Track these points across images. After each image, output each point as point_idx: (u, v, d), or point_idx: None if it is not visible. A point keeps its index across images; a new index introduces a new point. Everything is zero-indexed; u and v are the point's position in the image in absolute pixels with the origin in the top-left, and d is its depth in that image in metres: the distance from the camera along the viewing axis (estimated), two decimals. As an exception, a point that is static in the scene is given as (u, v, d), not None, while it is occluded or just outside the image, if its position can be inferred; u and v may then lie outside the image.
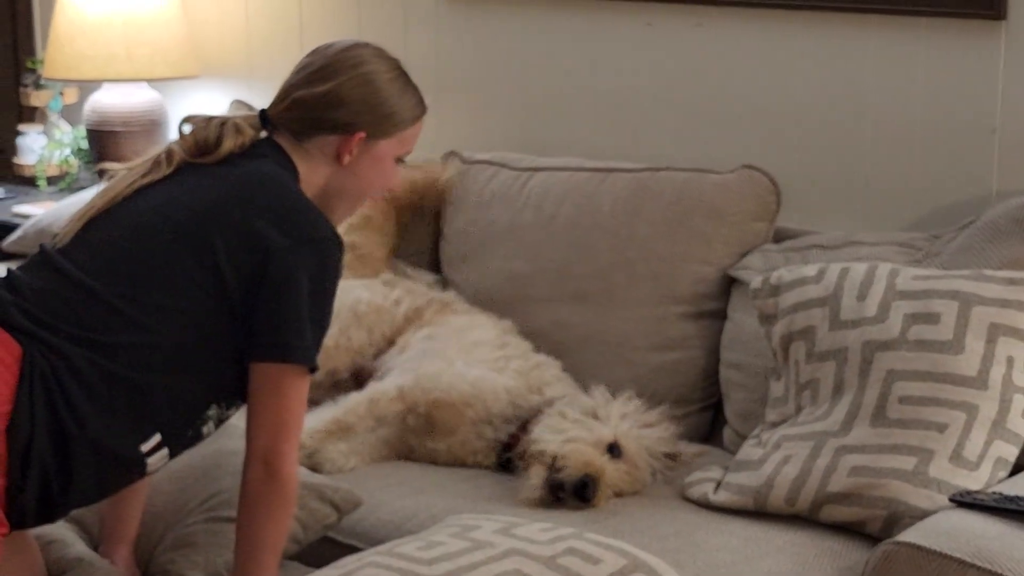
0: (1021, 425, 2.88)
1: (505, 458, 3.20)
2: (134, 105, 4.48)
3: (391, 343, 3.50)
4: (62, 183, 4.70)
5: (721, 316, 3.45)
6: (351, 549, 2.72)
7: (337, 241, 2.51)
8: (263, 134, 2.64)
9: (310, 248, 2.47)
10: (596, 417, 3.12)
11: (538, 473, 3.02)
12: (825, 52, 3.56)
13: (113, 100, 4.49)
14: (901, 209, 3.50)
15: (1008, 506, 2.61)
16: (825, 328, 3.02)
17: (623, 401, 3.17)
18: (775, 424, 3.07)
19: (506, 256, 3.65)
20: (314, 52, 2.66)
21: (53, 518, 2.48)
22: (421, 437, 3.29)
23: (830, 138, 3.58)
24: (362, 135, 2.60)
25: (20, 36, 5.04)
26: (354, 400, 3.28)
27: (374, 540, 2.74)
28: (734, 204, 3.46)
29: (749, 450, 3.05)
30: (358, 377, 3.45)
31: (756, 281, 3.20)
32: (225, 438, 2.79)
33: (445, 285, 3.73)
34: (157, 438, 2.46)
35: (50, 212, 4.15)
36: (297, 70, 2.64)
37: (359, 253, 3.66)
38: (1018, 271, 2.99)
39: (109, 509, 2.72)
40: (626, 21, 3.82)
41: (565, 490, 2.98)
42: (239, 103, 4.21)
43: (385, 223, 3.78)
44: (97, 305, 2.43)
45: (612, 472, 3.02)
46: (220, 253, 2.45)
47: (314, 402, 3.19)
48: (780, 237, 3.49)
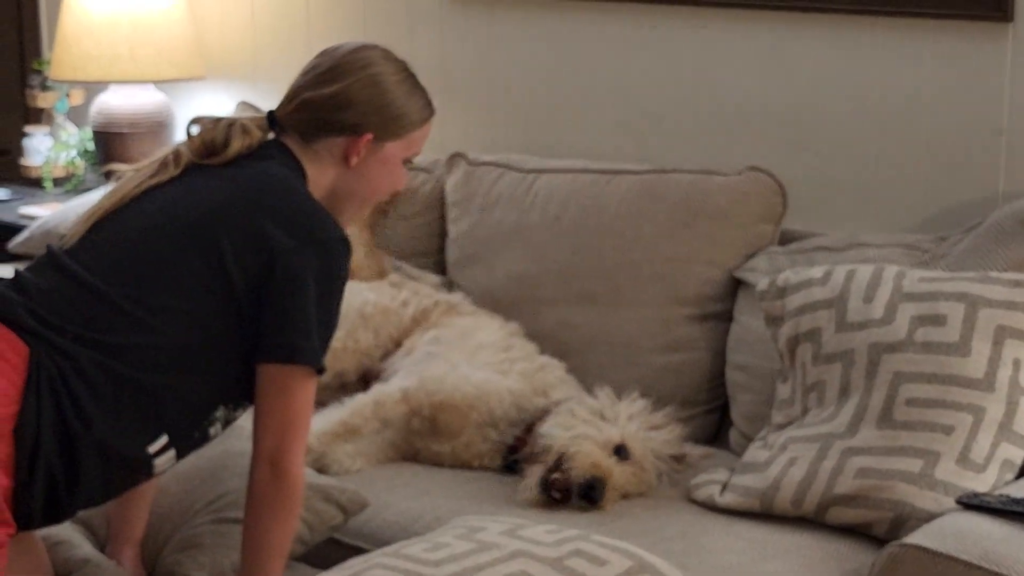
0: (1028, 427, 2.88)
1: (511, 460, 3.20)
2: (140, 107, 4.48)
3: (398, 345, 3.50)
4: (68, 185, 4.70)
5: (727, 318, 3.44)
6: (357, 550, 2.73)
7: (344, 242, 2.51)
8: (271, 136, 2.64)
9: (316, 249, 2.46)
10: (603, 418, 3.12)
11: (534, 473, 3.02)
12: (831, 54, 3.55)
13: (119, 101, 4.49)
14: (907, 211, 3.50)
15: (1015, 508, 2.60)
16: (831, 330, 3.02)
17: (629, 402, 3.17)
18: (781, 426, 3.07)
19: (512, 258, 3.65)
20: (322, 54, 2.66)
21: (60, 519, 2.48)
22: (426, 440, 3.29)
23: (836, 140, 3.57)
24: (370, 137, 2.60)
25: (26, 37, 5.04)
26: (360, 402, 3.28)
27: (380, 541, 2.74)
28: (740, 206, 3.46)
29: (755, 452, 3.05)
30: (365, 379, 3.45)
31: (762, 283, 3.20)
32: (232, 439, 2.79)
33: (451, 287, 3.73)
34: (164, 439, 2.46)
35: (56, 213, 4.14)
36: (305, 71, 2.65)
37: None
38: (1025, 273, 2.99)
39: (116, 510, 2.73)
40: (631, 23, 3.82)
41: (572, 491, 2.98)
42: (245, 104, 4.21)
43: (360, 232, 3.74)
44: (104, 306, 2.43)
45: (619, 474, 3.02)
46: (227, 254, 2.45)
47: (321, 404, 3.19)
48: (786, 239, 3.49)
